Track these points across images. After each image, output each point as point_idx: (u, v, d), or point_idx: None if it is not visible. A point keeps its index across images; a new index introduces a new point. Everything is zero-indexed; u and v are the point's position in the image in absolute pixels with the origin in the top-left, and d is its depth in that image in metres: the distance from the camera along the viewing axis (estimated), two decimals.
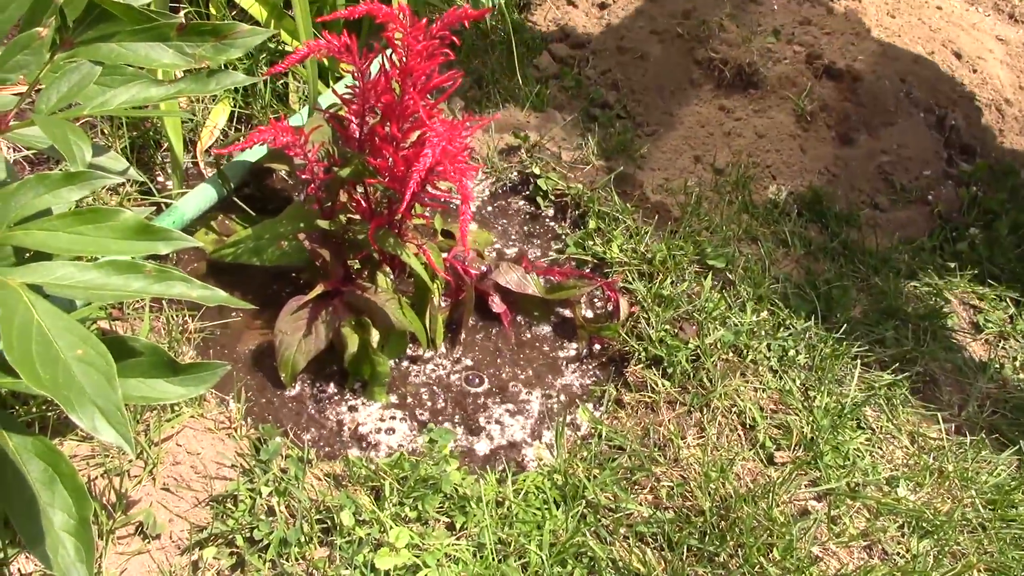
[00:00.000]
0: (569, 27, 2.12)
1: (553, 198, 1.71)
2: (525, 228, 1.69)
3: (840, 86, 2.01)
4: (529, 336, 1.51)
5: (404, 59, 1.21)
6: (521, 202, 1.73)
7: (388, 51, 1.24)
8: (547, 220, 1.71)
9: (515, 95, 1.89)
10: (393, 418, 1.35)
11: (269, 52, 1.74)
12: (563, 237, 1.66)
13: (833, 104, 1.97)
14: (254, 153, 1.53)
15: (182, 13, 1.66)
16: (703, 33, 2.06)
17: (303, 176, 1.32)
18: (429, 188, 1.29)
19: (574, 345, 1.51)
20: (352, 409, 1.35)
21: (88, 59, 0.94)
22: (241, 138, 1.62)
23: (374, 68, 1.26)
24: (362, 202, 1.36)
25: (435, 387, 1.41)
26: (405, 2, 1.53)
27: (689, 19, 2.13)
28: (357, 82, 1.25)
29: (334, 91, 1.33)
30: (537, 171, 1.72)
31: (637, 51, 2.04)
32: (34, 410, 1.16)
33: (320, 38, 1.20)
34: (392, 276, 1.42)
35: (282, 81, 1.73)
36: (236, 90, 1.68)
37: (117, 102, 0.93)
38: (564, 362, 1.48)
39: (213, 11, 1.69)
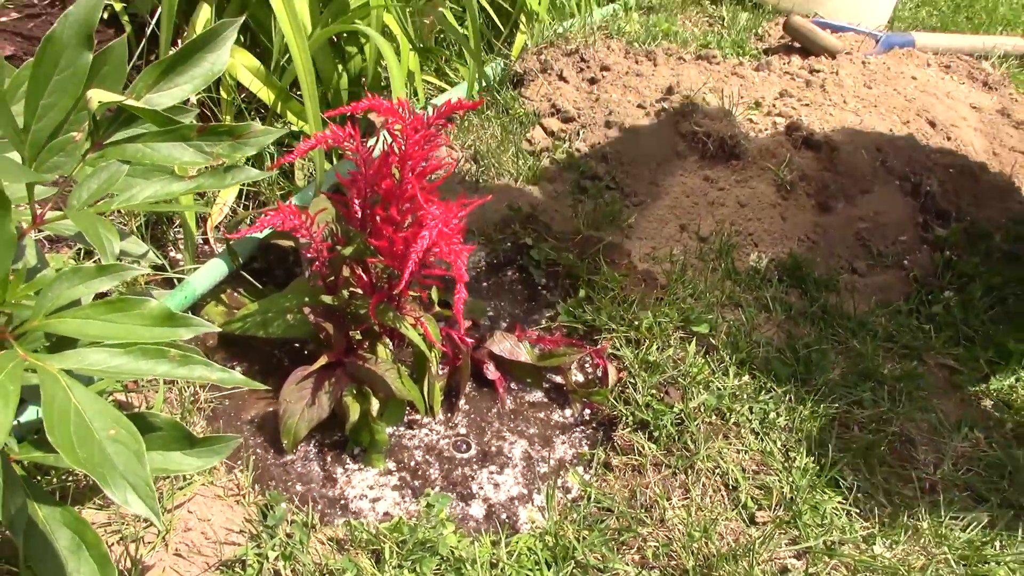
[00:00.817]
0: (560, 102, 2.23)
1: (545, 267, 1.80)
2: (519, 297, 1.78)
3: (818, 156, 2.12)
4: (522, 402, 1.59)
5: (403, 147, 1.30)
6: (515, 272, 1.82)
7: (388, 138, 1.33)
8: (540, 289, 1.79)
9: (509, 169, 1.99)
10: (390, 484, 1.42)
11: None
12: (555, 305, 1.74)
13: (812, 173, 2.07)
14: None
15: (194, 98, 1.77)
16: (687, 108, 2.16)
17: (308, 254, 1.41)
18: (427, 266, 1.37)
19: (566, 410, 1.58)
20: (352, 474, 1.42)
21: (116, 158, 1.03)
22: (250, 218, 1.71)
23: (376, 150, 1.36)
24: (363, 278, 1.44)
25: (432, 453, 1.48)
26: (404, 96, 1.63)
27: (673, 93, 2.25)
28: (359, 167, 1.35)
29: (338, 175, 1.42)
30: (530, 242, 1.81)
31: (625, 124, 2.14)
32: (55, 481, 1.23)
33: (326, 129, 1.30)
34: (392, 346, 1.50)
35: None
36: None
37: (142, 196, 1.02)
38: (555, 427, 1.56)
39: (224, 95, 1.80)
